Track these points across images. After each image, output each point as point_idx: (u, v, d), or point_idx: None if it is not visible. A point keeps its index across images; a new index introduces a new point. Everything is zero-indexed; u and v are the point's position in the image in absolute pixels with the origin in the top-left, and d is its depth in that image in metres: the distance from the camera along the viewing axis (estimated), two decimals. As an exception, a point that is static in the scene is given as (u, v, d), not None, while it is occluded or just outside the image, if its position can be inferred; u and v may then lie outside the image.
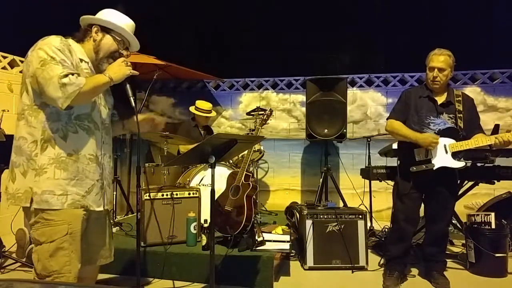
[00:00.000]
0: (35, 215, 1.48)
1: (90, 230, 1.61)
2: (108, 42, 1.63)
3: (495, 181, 3.15)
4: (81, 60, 1.59)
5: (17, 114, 1.54)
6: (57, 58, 1.44)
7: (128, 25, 1.69)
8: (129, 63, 1.60)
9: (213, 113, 4.24)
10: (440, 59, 2.37)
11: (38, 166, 1.46)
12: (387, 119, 2.61)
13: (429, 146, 2.34)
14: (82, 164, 1.54)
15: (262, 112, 3.21)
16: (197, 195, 2.91)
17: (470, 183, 3.31)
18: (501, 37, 4.06)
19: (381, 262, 2.80)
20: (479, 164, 3.07)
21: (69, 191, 1.50)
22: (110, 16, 1.65)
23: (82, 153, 1.54)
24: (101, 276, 2.35)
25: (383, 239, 3.35)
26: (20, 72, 3.97)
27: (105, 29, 1.63)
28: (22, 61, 3.98)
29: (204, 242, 2.66)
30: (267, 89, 4.87)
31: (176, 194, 2.83)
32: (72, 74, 1.43)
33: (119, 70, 1.56)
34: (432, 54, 2.43)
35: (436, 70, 2.38)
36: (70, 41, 1.59)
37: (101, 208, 1.62)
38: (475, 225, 2.79)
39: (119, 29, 1.65)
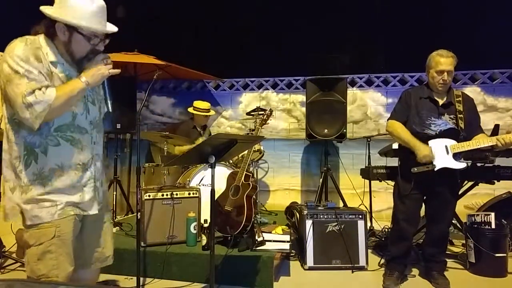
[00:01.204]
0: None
1: (86, 233, 1.56)
2: (79, 42, 1.43)
3: (495, 181, 3.15)
4: (54, 63, 1.41)
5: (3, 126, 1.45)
6: (20, 70, 1.31)
7: (95, 12, 1.42)
8: (109, 61, 1.47)
9: (212, 112, 4.24)
10: (448, 62, 2.37)
11: (24, 183, 1.40)
12: (388, 119, 2.60)
13: (422, 159, 2.33)
14: (69, 176, 1.45)
15: (262, 112, 3.21)
16: (197, 195, 2.92)
17: (470, 183, 3.31)
18: (501, 37, 4.06)
19: (381, 262, 2.80)
20: (479, 164, 3.08)
21: (58, 201, 1.43)
22: (72, 8, 1.39)
23: (67, 165, 1.45)
24: (101, 277, 2.35)
25: (383, 239, 3.35)
26: None
27: (72, 27, 1.41)
28: None
29: (204, 242, 2.66)
30: (267, 89, 4.87)
31: (176, 194, 2.83)
32: (40, 89, 1.30)
33: (97, 72, 1.44)
34: (437, 56, 2.41)
35: (445, 73, 2.37)
36: (42, 40, 1.42)
37: (95, 211, 1.55)
38: (475, 225, 2.79)
39: (86, 29, 1.42)
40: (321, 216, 2.85)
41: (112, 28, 1.51)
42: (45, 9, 1.43)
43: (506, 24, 4.01)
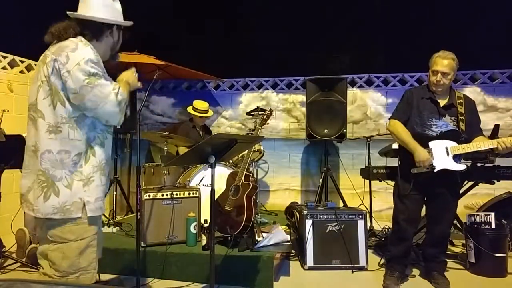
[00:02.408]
0: (68, 222, 1.50)
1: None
2: (120, 39, 1.67)
3: (495, 181, 3.15)
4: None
5: (48, 125, 1.47)
6: (99, 73, 1.47)
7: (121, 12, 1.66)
8: (134, 72, 1.69)
9: (210, 113, 4.23)
10: (444, 63, 2.36)
11: (85, 176, 1.50)
12: (389, 118, 2.60)
13: (419, 164, 2.33)
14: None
15: (262, 112, 3.21)
16: (197, 195, 2.92)
17: (470, 183, 3.30)
18: (501, 37, 4.06)
19: (381, 262, 2.80)
20: (479, 164, 3.07)
21: (103, 196, 1.59)
22: (119, 12, 1.63)
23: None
24: (101, 276, 2.35)
25: (383, 239, 3.34)
26: (21, 72, 3.98)
27: (119, 27, 1.64)
28: (22, 61, 3.99)
29: (204, 242, 2.66)
30: (267, 89, 4.87)
31: (176, 194, 2.83)
32: (119, 88, 1.50)
33: (133, 81, 1.64)
34: (436, 56, 2.41)
35: (439, 74, 2.37)
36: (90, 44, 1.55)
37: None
38: (475, 225, 2.79)
39: (128, 24, 1.67)
40: (321, 216, 2.85)
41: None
42: (102, 17, 1.56)
43: (506, 24, 4.01)
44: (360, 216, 2.86)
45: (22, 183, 1.54)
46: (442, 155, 2.35)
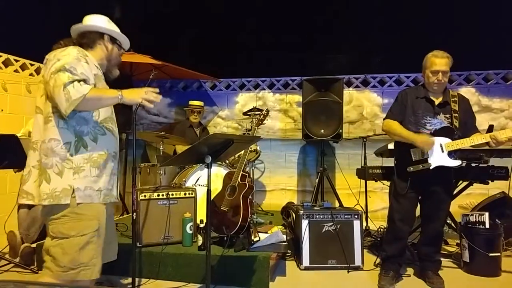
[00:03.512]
0: (62, 210, 1.53)
1: (106, 228, 1.69)
2: (116, 52, 1.79)
3: (489, 181, 3.18)
4: (96, 66, 1.69)
5: (43, 116, 1.60)
6: (67, 66, 1.52)
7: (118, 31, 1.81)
8: (154, 94, 1.67)
9: (203, 109, 4.25)
10: (442, 62, 2.40)
11: (75, 165, 1.55)
12: (384, 119, 2.61)
13: (425, 147, 2.35)
14: (110, 162, 1.66)
15: (259, 112, 3.21)
16: (193, 195, 2.91)
17: (465, 183, 3.33)
18: (496, 39, 4.10)
19: (377, 262, 2.81)
20: (473, 164, 3.10)
21: (102, 187, 1.61)
22: (111, 25, 1.78)
23: (109, 152, 1.66)
24: (96, 277, 2.33)
25: (378, 239, 3.36)
26: (15, 71, 3.95)
27: (112, 39, 1.77)
28: (17, 60, 3.96)
29: (200, 242, 2.65)
30: (263, 89, 4.87)
31: (172, 194, 2.82)
32: (78, 81, 1.50)
33: (136, 94, 1.63)
34: (432, 57, 2.44)
35: (440, 73, 2.40)
36: (82, 50, 1.67)
37: (116, 199, 1.75)
38: (470, 225, 2.81)
39: (125, 44, 1.82)
40: (317, 216, 2.85)
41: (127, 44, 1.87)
42: (93, 25, 1.72)
43: (500, 26, 4.05)
44: (356, 216, 2.87)
45: (21, 177, 1.64)
46: (437, 152, 2.37)
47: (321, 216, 2.85)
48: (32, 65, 4.03)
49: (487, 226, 2.74)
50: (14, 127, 3.52)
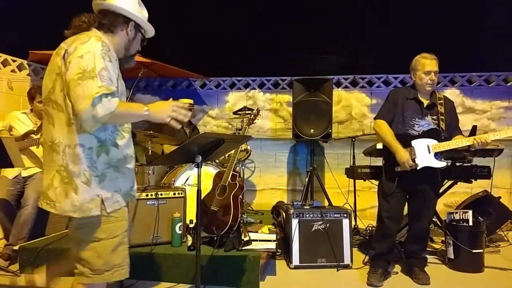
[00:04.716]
0: (92, 219, 1.47)
1: None
2: (138, 41, 1.61)
3: (473, 180, 3.27)
4: (115, 59, 1.50)
5: (67, 118, 1.43)
6: (96, 70, 1.36)
7: (147, 16, 1.62)
8: (183, 112, 1.54)
9: (193, 107, 4.21)
10: (433, 63, 2.49)
11: (100, 172, 1.47)
12: (374, 118, 2.65)
13: (401, 164, 2.40)
14: (129, 164, 1.59)
15: (249, 112, 3.22)
16: (182, 195, 2.88)
17: (450, 182, 3.41)
18: (479, 41, 4.20)
19: (366, 260, 2.85)
20: (458, 164, 3.18)
21: (123, 189, 1.55)
22: (141, 9, 1.58)
23: (129, 154, 1.59)
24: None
25: (367, 237, 3.41)
26: (12, 71, 3.87)
27: (137, 26, 1.57)
28: (14, 60, 3.88)
29: (189, 242, 2.64)
30: (254, 88, 4.87)
31: (161, 194, 2.80)
32: (106, 96, 1.35)
33: (163, 112, 1.51)
34: (422, 58, 2.51)
35: (432, 73, 2.48)
36: (104, 38, 1.48)
37: (136, 198, 1.71)
38: (454, 223, 2.88)
39: (150, 32, 1.64)
40: (307, 215, 2.87)
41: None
42: (119, 6, 1.51)
43: (483, 29, 4.16)
44: (345, 215, 2.91)
45: (43, 179, 1.52)
46: (424, 153, 2.43)
47: (311, 215, 2.87)
48: (14, 61, 3.92)
49: (471, 223, 2.81)
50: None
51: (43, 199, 1.50)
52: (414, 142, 2.45)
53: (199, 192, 1.81)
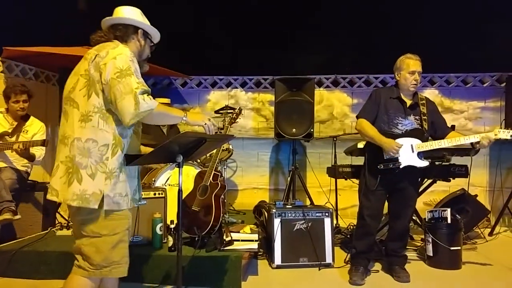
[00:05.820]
0: (91, 211, 1.51)
1: None
2: (148, 47, 1.76)
3: (451, 178, 3.35)
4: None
5: (80, 113, 1.52)
6: (131, 69, 1.50)
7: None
8: (212, 127, 1.76)
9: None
10: (417, 64, 2.53)
11: (109, 170, 1.52)
12: (356, 117, 2.67)
13: (390, 151, 2.42)
14: (135, 167, 1.66)
15: (231, 111, 3.18)
16: (163, 195, 2.82)
17: (429, 181, 3.49)
18: (457, 43, 4.32)
19: (347, 259, 2.87)
20: (437, 163, 3.24)
21: (128, 191, 1.59)
22: (144, 19, 1.74)
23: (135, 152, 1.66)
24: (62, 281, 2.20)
25: (348, 236, 3.44)
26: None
27: (145, 33, 1.73)
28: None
29: (170, 243, 2.58)
30: (235, 87, 4.83)
31: (141, 195, 2.72)
32: (148, 94, 1.49)
33: (201, 117, 1.75)
34: (407, 59, 2.54)
35: (417, 73, 2.51)
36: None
37: (140, 202, 1.75)
38: (433, 221, 2.94)
39: (156, 37, 1.79)
40: (289, 215, 2.87)
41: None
42: (130, 18, 1.68)
43: (460, 31, 4.28)
44: (327, 214, 2.92)
45: (52, 174, 1.59)
46: (407, 152, 2.46)
47: (293, 215, 2.87)
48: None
49: (449, 221, 2.88)
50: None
51: (50, 190, 1.57)
52: (398, 141, 2.47)
53: (180, 192, 1.76)
